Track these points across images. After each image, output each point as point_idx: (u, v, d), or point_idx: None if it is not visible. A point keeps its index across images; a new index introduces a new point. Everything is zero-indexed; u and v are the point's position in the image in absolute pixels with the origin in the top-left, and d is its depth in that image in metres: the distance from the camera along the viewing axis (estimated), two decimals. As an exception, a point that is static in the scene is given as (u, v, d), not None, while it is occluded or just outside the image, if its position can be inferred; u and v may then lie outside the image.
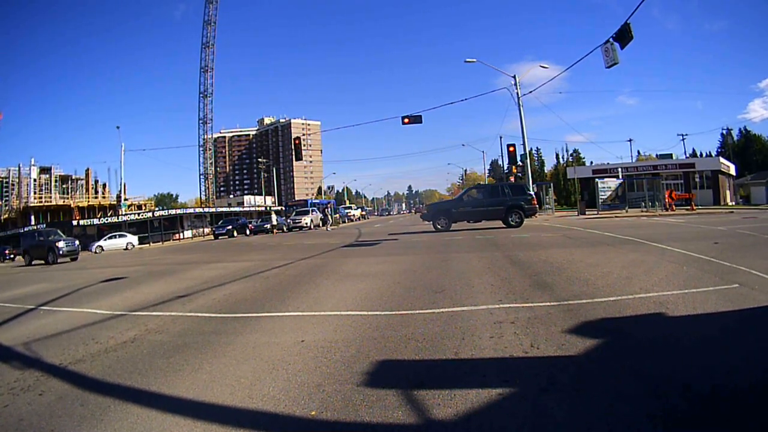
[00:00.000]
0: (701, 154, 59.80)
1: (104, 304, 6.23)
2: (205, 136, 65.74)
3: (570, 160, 64.11)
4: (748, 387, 2.41)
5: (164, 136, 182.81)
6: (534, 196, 17.94)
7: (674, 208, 24.73)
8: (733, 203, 37.07)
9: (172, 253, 18.55)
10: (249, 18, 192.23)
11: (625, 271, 5.85)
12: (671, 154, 45.32)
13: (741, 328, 3.51)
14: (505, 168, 50.12)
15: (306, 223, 32.38)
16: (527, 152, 26.46)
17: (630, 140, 73.15)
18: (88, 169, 53.24)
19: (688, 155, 53.25)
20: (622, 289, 4.79)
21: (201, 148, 66.08)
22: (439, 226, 16.59)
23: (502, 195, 16.75)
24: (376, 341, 3.57)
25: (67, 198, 48.06)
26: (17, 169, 47.69)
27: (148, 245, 32.03)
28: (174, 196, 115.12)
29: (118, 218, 37.10)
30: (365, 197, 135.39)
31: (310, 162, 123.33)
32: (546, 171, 67.05)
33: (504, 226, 16.27)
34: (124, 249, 29.31)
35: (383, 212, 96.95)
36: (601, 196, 26.38)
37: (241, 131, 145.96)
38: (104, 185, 55.21)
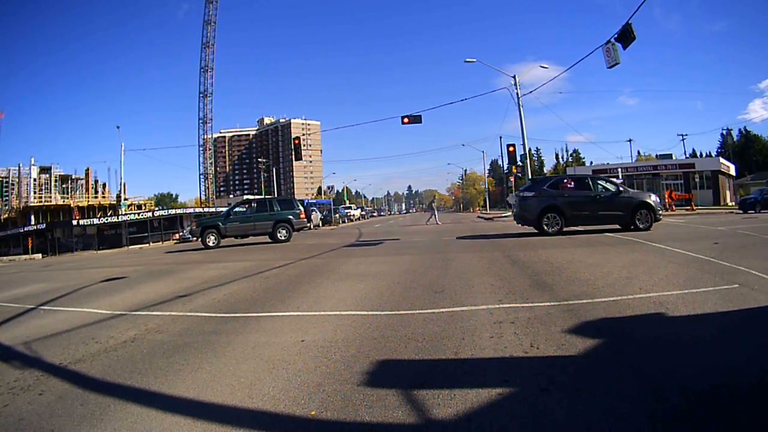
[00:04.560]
0: (701, 155, 59.89)
1: (104, 303, 6.23)
2: (205, 136, 65.73)
3: (570, 160, 64.18)
4: (749, 387, 2.41)
5: (164, 136, 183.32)
6: (303, 209, 17.52)
7: (674, 208, 24.75)
8: (733, 203, 37.06)
9: (171, 253, 18.54)
10: (249, 18, 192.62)
11: (625, 271, 5.85)
12: (671, 155, 45.36)
13: (741, 328, 3.51)
14: (505, 168, 50.16)
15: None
16: (527, 152, 26.47)
17: (630, 140, 73.31)
18: (88, 169, 53.17)
19: (688, 155, 53.34)
20: (622, 289, 4.79)
21: (201, 148, 66.08)
22: (210, 243, 15.70)
23: (271, 209, 16.59)
24: (376, 341, 3.57)
25: (67, 198, 47.98)
26: (17, 168, 47.60)
27: (147, 245, 31.98)
28: (174, 196, 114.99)
29: (118, 218, 37.05)
30: (365, 197, 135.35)
31: (310, 162, 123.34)
32: (546, 171, 67.08)
33: (272, 240, 16.08)
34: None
35: (380, 212, 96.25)
36: (601, 197, 26.32)
37: (241, 131, 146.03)
38: (104, 185, 55.13)
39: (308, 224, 17.83)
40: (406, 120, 22.53)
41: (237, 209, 17.35)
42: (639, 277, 5.45)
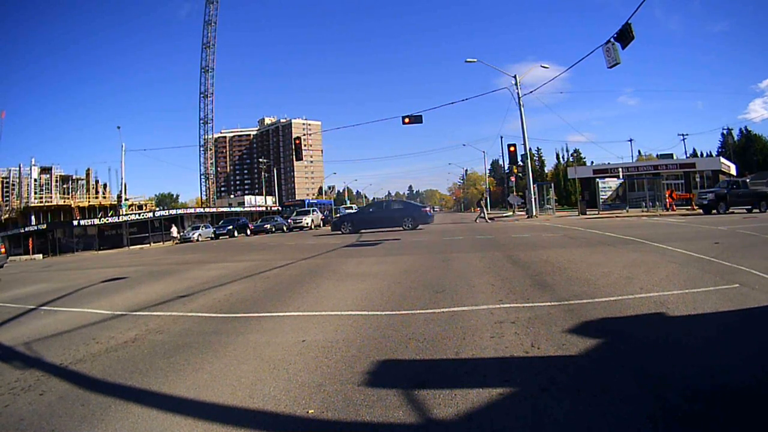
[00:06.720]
0: (702, 154, 59.80)
1: (105, 304, 6.23)
2: (206, 136, 65.74)
3: (570, 160, 64.13)
4: (749, 387, 2.41)
5: (165, 136, 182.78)
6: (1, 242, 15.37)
7: (675, 208, 24.70)
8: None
9: (172, 253, 18.56)
10: (249, 18, 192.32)
11: (626, 271, 5.85)
12: (672, 154, 45.28)
13: (741, 328, 3.51)
14: (506, 168, 50.14)
15: (307, 224, 32.34)
16: (528, 152, 26.49)
17: (631, 140, 73.17)
18: (88, 169, 53.24)
19: (688, 155, 53.23)
20: (623, 289, 4.79)
21: (202, 148, 66.09)
22: None
23: None
24: (376, 341, 3.57)
25: (68, 198, 48.07)
26: (18, 169, 47.69)
27: (148, 245, 32.02)
28: (175, 196, 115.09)
29: (118, 218, 37.11)
30: (366, 197, 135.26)
31: (311, 162, 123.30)
32: (546, 171, 67.07)
33: None
34: None
35: None
36: (601, 196, 26.37)
37: (241, 131, 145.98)
38: (105, 185, 55.22)
39: (6, 262, 14.53)
40: (406, 120, 22.55)
41: None
42: (639, 276, 5.45)
